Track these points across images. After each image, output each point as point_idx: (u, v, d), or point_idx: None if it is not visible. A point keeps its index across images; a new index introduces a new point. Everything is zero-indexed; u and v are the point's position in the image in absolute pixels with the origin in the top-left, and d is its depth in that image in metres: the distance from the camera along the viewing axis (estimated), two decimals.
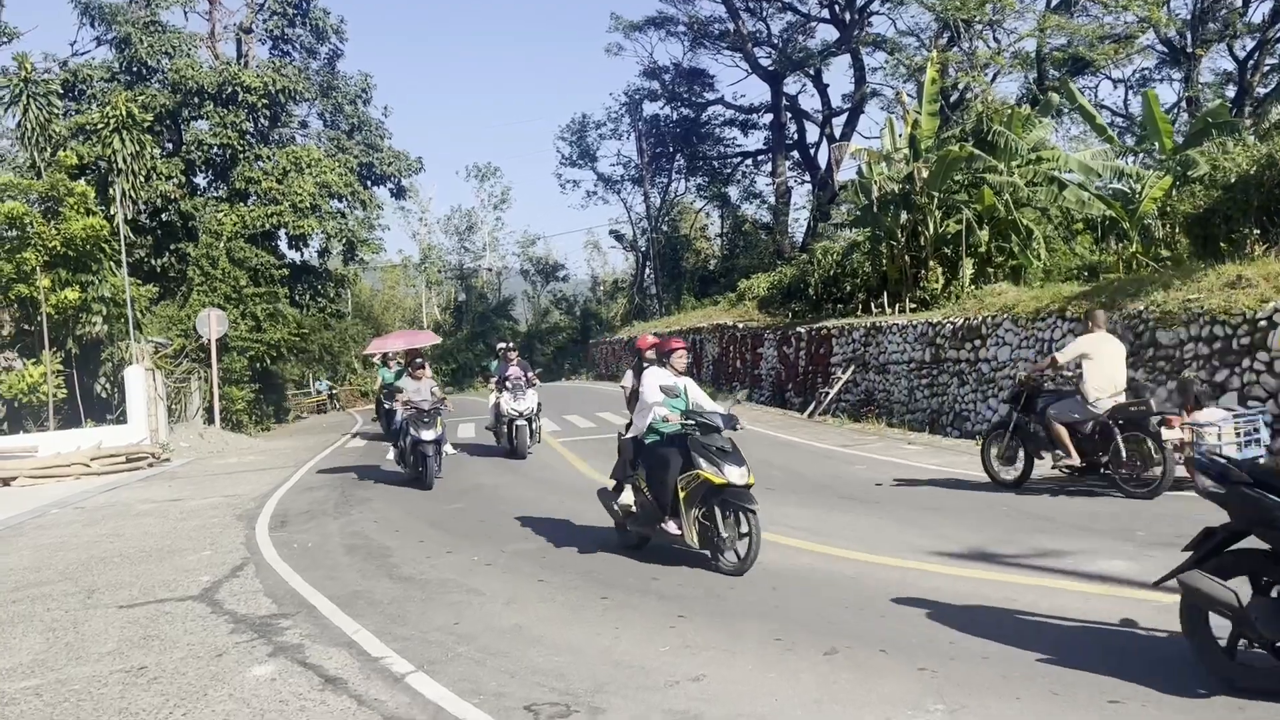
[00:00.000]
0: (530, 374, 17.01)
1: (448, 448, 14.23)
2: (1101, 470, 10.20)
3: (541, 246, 69.84)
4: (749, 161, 53.85)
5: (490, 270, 67.93)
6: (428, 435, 13.34)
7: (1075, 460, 10.21)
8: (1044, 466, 10.87)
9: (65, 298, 19.25)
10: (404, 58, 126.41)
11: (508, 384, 16.51)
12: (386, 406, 19.46)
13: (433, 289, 67.85)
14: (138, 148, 22.52)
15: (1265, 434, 10.07)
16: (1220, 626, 4.70)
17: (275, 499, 13.59)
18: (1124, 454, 9.82)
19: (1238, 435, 9.77)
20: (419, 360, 15.09)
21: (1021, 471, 10.78)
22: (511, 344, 18.52)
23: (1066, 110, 31.12)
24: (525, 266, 68.67)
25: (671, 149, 53.67)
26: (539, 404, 17.08)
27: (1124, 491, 9.80)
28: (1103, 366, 10.21)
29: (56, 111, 22.73)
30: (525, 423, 16.47)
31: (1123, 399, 10.22)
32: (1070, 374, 10.97)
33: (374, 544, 9.81)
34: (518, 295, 69.26)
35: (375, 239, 62.41)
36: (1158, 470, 9.58)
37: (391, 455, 14.60)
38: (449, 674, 5.59)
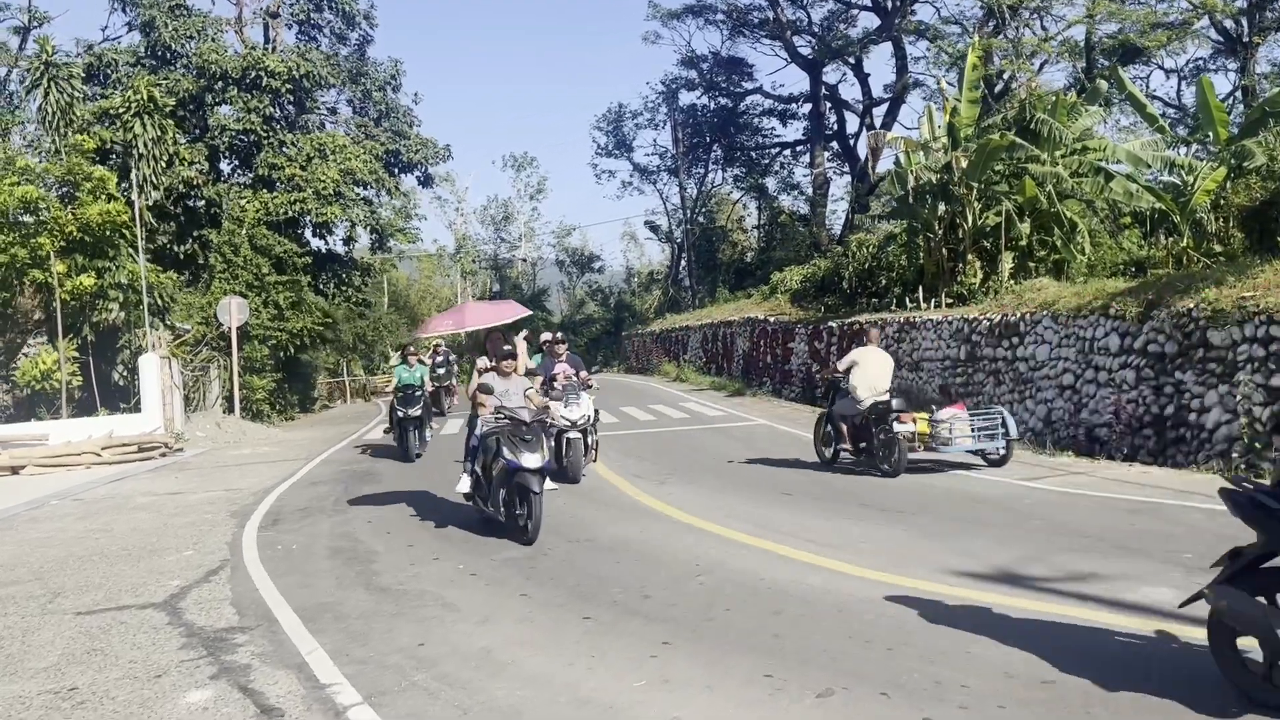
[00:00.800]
0: (584, 372, 13.46)
1: (548, 483, 9.54)
2: (865, 454, 12.59)
3: (577, 237, 69.37)
4: (787, 152, 52.85)
5: (525, 261, 67.55)
6: (530, 461, 8.87)
7: (849, 445, 12.81)
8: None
9: (81, 284, 18.97)
10: (418, 50, 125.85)
11: (556, 385, 12.93)
12: (400, 415, 16.22)
13: (468, 279, 67.63)
14: (159, 132, 22.18)
15: (1012, 427, 12.44)
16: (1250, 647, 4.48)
17: (275, 494, 13.15)
18: (876, 442, 12.30)
19: (972, 430, 12.37)
20: (508, 349, 10.13)
21: (832, 453, 13.20)
22: (559, 335, 14.52)
23: (1116, 100, 30.01)
24: (561, 257, 68.22)
25: (709, 139, 52.77)
26: (595, 411, 13.37)
27: (880, 471, 12.12)
28: (868, 373, 12.58)
29: (78, 95, 22.47)
30: (579, 435, 12.74)
31: (885, 400, 12.35)
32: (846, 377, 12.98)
33: (360, 548, 9.27)
34: (553, 286, 68.84)
35: (411, 228, 62.68)
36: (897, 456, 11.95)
37: (464, 486, 9.97)
38: (397, 708, 5.00)
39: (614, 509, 10.81)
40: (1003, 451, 12.45)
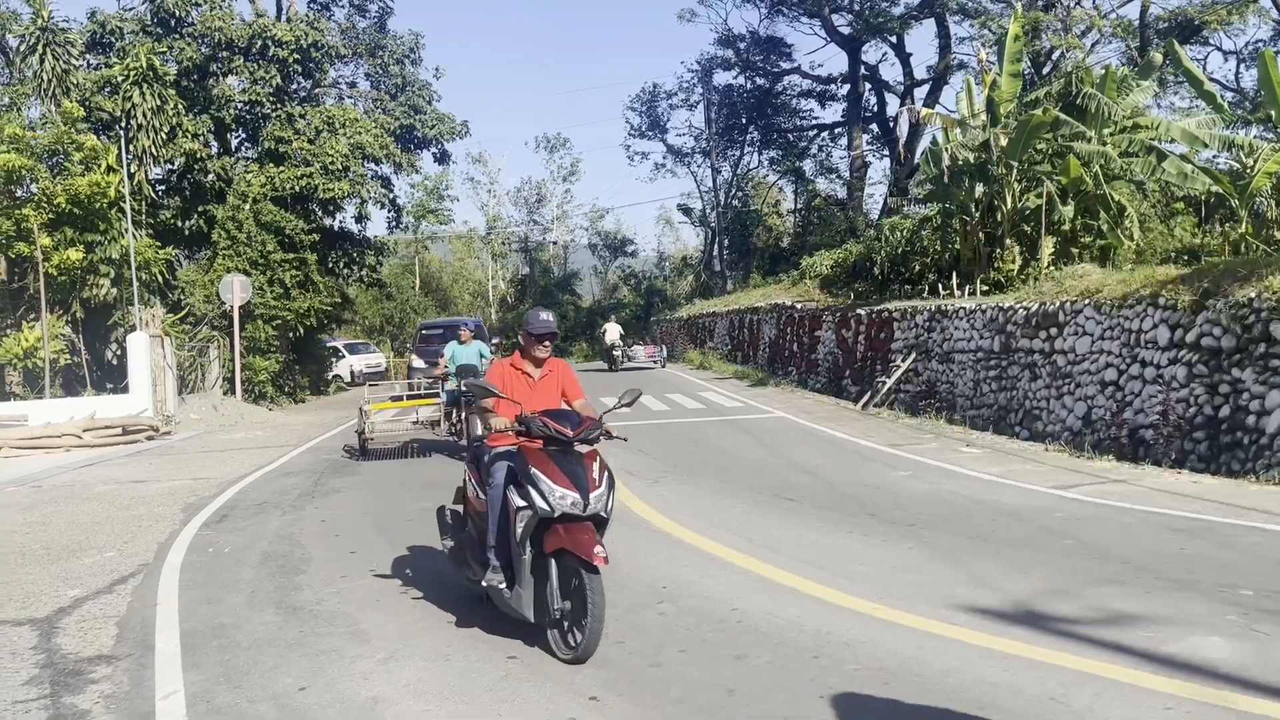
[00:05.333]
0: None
1: None
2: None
3: (611, 220, 68.23)
4: (825, 135, 51.27)
5: (556, 244, 66.46)
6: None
7: None
8: None
9: (68, 258, 18.17)
10: (450, 27, 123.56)
11: None
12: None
13: (498, 261, 66.69)
14: (159, 102, 21.31)
15: (663, 356, 34.37)
16: None
17: (241, 485, 12.24)
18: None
19: (645, 356, 32.84)
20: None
21: None
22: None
23: (1171, 77, 28.31)
24: (593, 240, 67.02)
25: (744, 120, 51.28)
26: None
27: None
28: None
29: (76, 64, 21.65)
30: None
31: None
32: None
33: (297, 553, 8.26)
34: (584, 269, 67.68)
35: (444, 209, 61.69)
36: None
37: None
38: None
39: None
40: (661, 365, 31.91)
